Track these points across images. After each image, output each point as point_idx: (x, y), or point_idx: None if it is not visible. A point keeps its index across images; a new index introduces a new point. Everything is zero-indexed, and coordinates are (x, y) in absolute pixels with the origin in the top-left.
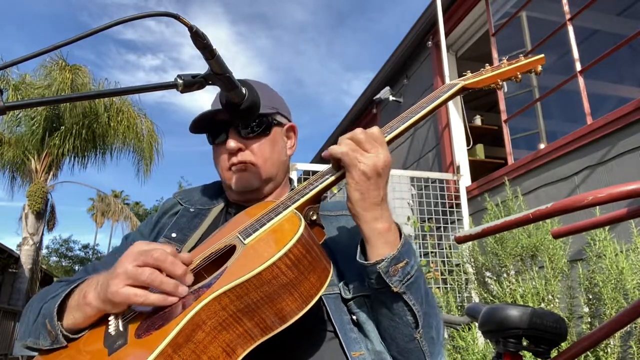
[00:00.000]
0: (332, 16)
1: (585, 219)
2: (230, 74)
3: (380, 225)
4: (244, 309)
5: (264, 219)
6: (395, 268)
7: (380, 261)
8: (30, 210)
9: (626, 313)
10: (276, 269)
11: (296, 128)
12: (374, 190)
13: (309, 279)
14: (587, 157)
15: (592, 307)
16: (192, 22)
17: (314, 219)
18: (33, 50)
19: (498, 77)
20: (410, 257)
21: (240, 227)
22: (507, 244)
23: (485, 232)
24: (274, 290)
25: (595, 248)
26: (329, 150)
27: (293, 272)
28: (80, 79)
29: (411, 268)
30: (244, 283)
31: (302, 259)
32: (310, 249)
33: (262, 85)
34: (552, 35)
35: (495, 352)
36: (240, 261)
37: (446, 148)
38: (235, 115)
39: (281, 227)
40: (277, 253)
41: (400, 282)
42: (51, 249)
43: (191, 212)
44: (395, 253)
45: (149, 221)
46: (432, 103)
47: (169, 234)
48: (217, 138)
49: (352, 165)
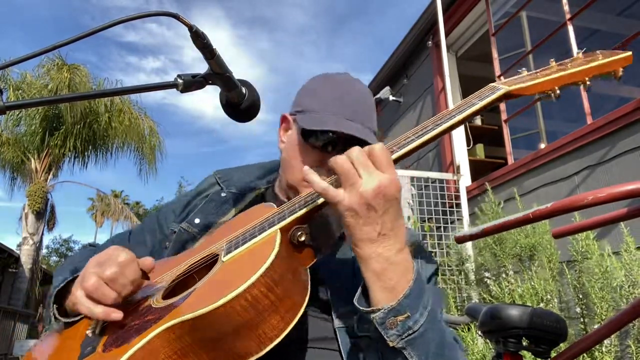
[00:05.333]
0: (332, 19)
1: (586, 219)
2: (231, 74)
3: (376, 265)
4: (200, 342)
5: (251, 232)
6: (394, 321)
7: (376, 310)
8: (30, 210)
9: (625, 313)
10: (230, 309)
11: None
12: (363, 226)
13: (269, 321)
14: (587, 157)
15: (582, 307)
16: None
17: (302, 240)
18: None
19: (557, 82)
20: (415, 309)
21: (232, 235)
22: (505, 244)
23: (485, 232)
24: (228, 329)
25: (580, 249)
26: (310, 179)
27: (249, 313)
28: (78, 78)
29: (415, 322)
30: (197, 318)
31: (261, 299)
32: (276, 285)
33: (373, 105)
34: (552, 35)
35: (495, 352)
36: (205, 288)
37: (446, 148)
38: (235, 116)
39: (255, 252)
40: (232, 291)
41: (398, 336)
42: (51, 248)
43: (222, 196)
44: (394, 304)
45: (183, 198)
46: (461, 112)
47: (193, 219)
48: (328, 146)
49: (333, 201)
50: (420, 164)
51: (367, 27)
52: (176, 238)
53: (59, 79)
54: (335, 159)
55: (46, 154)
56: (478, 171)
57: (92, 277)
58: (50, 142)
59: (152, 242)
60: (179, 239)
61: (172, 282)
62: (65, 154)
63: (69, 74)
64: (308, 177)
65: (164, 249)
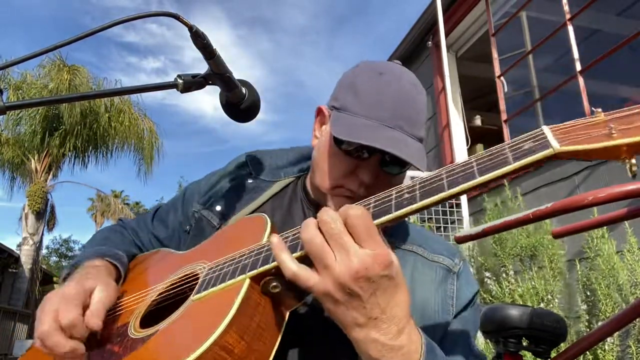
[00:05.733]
0: (332, 19)
1: (585, 219)
2: (231, 74)
3: (371, 352)
4: None
5: (226, 270)
6: None
7: None
8: (30, 210)
9: (625, 313)
10: None
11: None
12: (348, 311)
13: None
14: None
15: (589, 305)
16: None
17: (276, 292)
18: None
19: (627, 149)
20: None
21: (212, 262)
22: (506, 244)
23: (485, 232)
24: None
25: (594, 246)
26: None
27: None
28: (78, 79)
29: None
30: None
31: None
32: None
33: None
34: (552, 35)
35: (495, 352)
36: (165, 336)
37: (446, 148)
38: (235, 116)
39: (216, 304)
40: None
41: None
42: (51, 249)
43: (248, 184)
44: None
45: (211, 177)
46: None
47: (215, 206)
48: (363, 153)
49: (305, 288)
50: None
51: (367, 28)
52: (196, 224)
53: (59, 79)
54: (304, 233)
55: (46, 154)
56: None
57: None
58: (51, 142)
59: (174, 222)
60: (199, 225)
61: (156, 300)
62: (65, 154)
63: (69, 75)
64: (278, 258)
65: (186, 233)
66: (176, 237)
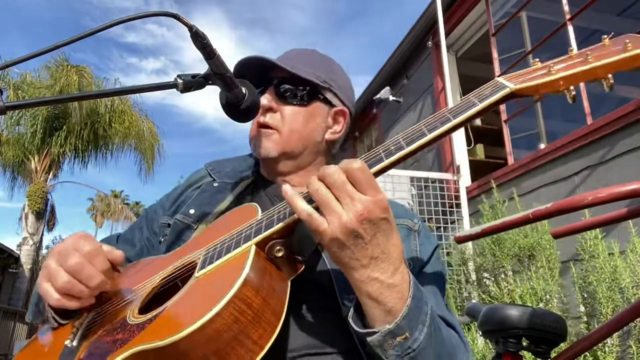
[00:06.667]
0: (332, 21)
1: (586, 219)
2: (231, 74)
3: (371, 289)
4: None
5: (228, 243)
6: (392, 343)
7: (372, 333)
8: (30, 210)
9: (626, 313)
10: (189, 344)
11: (348, 115)
12: (353, 254)
13: (231, 355)
14: (587, 157)
15: (587, 307)
16: None
17: (280, 255)
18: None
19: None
20: (414, 328)
21: (212, 243)
22: (504, 245)
23: (485, 232)
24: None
25: (587, 247)
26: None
27: (210, 347)
28: (86, 80)
29: (414, 341)
30: (158, 349)
31: (223, 333)
32: (246, 309)
33: (325, 58)
34: (552, 35)
35: (495, 352)
36: (172, 311)
37: (446, 148)
38: (235, 115)
39: (225, 272)
40: (192, 324)
41: (398, 356)
42: (51, 249)
43: (215, 186)
44: (391, 327)
45: (173, 193)
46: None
47: (187, 210)
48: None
49: (315, 233)
50: (420, 164)
51: (366, 28)
52: (172, 230)
53: (67, 81)
54: (310, 186)
55: (46, 154)
56: (478, 171)
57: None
58: (51, 142)
59: (141, 240)
60: (175, 230)
61: (153, 290)
62: (65, 154)
63: (77, 76)
64: (293, 203)
65: (159, 243)
66: (145, 253)
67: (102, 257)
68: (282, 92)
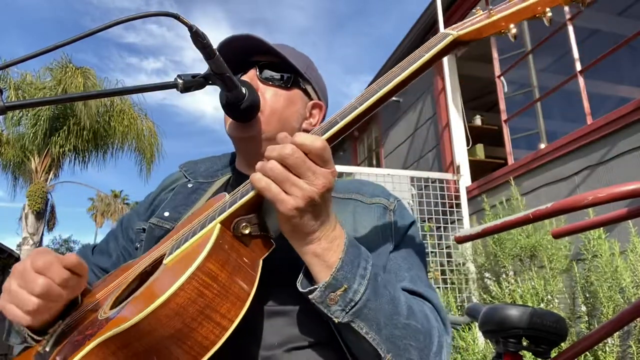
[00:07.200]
0: (333, 21)
1: (586, 219)
2: (230, 74)
3: (317, 249)
4: (134, 356)
5: (195, 228)
6: (333, 296)
7: (313, 290)
8: (30, 210)
9: (626, 313)
10: (154, 321)
11: (324, 109)
12: (310, 220)
13: (199, 330)
14: (587, 157)
15: (589, 306)
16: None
17: (247, 232)
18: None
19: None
20: (352, 280)
21: (180, 232)
22: (505, 245)
23: (485, 232)
24: (157, 341)
25: (591, 247)
26: (251, 177)
27: (175, 323)
28: (90, 81)
29: (355, 293)
30: (123, 333)
31: (187, 307)
32: (208, 288)
33: (302, 54)
34: (552, 35)
35: (496, 352)
36: (139, 297)
37: (446, 148)
38: (235, 115)
39: (189, 253)
40: (153, 303)
41: (342, 311)
42: (51, 249)
43: (189, 187)
44: (329, 280)
45: (146, 199)
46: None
47: (162, 213)
48: (237, 70)
49: (277, 202)
50: (420, 164)
51: (366, 28)
52: (147, 235)
53: (72, 83)
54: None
55: (46, 153)
56: (478, 171)
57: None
58: (51, 142)
59: (117, 250)
60: (151, 235)
61: (129, 287)
62: (65, 154)
63: (82, 78)
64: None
65: (136, 250)
66: (122, 262)
67: (56, 266)
68: (265, 74)
